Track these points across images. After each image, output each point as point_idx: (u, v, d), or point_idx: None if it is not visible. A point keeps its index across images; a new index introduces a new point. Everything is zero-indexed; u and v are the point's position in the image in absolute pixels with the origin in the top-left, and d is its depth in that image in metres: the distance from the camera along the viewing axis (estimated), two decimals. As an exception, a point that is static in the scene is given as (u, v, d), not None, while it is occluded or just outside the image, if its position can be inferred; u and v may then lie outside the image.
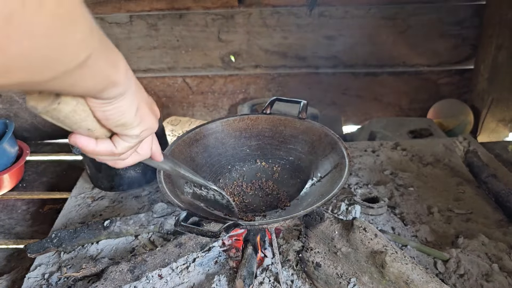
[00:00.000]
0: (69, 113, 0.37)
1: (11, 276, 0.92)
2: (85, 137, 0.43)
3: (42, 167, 1.41)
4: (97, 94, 0.37)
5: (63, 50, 0.28)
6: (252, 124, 1.02)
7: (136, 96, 0.42)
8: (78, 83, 0.33)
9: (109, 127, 0.42)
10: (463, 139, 1.17)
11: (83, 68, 0.32)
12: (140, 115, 0.43)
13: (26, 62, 0.26)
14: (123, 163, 0.49)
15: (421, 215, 0.98)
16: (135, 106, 0.42)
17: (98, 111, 0.39)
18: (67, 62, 0.30)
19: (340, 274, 0.72)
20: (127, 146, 0.45)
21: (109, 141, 0.44)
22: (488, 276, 0.78)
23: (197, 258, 0.85)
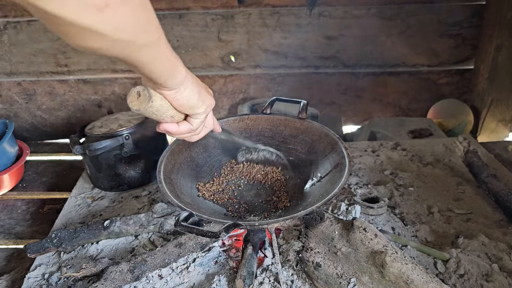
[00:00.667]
0: (159, 107, 0.56)
1: (11, 276, 0.92)
2: (169, 123, 0.62)
3: (42, 167, 1.41)
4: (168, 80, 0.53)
5: (149, 23, 0.43)
6: (252, 124, 1.02)
7: (194, 84, 0.59)
8: (156, 60, 0.48)
9: (183, 111, 0.61)
10: (463, 139, 1.17)
11: (158, 45, 0.46)
12: (201, 97, 0.60)
13: (133, 21, 0.39)
14: (197, 137, 0.68)
15: (421, 215, 0.98)
16: (197, 92, 0.59)
17: (173, 101, 0.57)
18: (152, 33, 0.44)
19: (340, 274, 0.72)
20: (199, 121, 0.63)
21: (186, 122, 0.63)
22: (488, 276, 0.78)
23: (197, 258, 0.85)
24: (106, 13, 0.35)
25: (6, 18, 1.56)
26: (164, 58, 0.49)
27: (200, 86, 0.61)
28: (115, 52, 0.41)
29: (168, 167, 0.86)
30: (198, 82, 0.61)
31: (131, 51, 0.43)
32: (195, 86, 0.59)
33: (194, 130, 0.64)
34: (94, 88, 1.71)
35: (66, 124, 1.77)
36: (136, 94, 0.54)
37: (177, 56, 0.53)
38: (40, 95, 1.71)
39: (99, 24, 0.36)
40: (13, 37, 1.59)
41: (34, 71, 1.66)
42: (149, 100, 0.53)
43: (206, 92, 0.63)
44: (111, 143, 1.06)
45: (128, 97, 0.54)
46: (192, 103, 0.59)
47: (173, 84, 0.54)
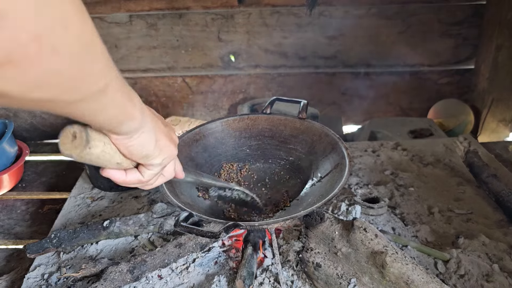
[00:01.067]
0: (99, 154, 0.44)
1: (10, 277, 0.92)
2: (115, 170, 0.50)
3: (42, 167, 1.40)
4: (118, 128, 0.42)
5: (86, 74, 0.33)
6: (252, 124, 1.01)
7: (153, 130, 0.47)
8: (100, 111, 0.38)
9: (134, 160, 0.49)
10: (463, 139, 1.17)
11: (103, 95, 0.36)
12: (159, 146, 0.49)
13: (56, 78, 0.30)
14: (150, 186, 0.56)
15: (421, 215, 0.98)
16: (154, 139, 0.48)
17: (122, 148, 0.45)
18: (91, 86, 0.34)
19: (340, 275, 0.72)
20: (152, 173, 0.52)
21: (136, 171, 0.52)
22: (489, 277, 0.78)
23: (197, 259, 0.85)
24: (7, 72, 0.26)
25: (6, 18, 1.56)
26: (110, 108, 0.38)
27: (160, 131, 0.49)
28: (34, 108, 0.33)
29: (168, 167, 0.85)
30: (159, 126, 0.49)
31: (59, 108, 0.34)
32: (153, 133, 0.47)
33: (145, 182, 0.53)
34: (94, 88, 1.71)
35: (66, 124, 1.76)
36: (71, 136, 0.42)
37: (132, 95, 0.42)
38: (39, 95, 1.71)
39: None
40: (12, 37, 1.59)
41: (34, 71, 1.66)
42: (86, 146, 0.42)
43: (167, 139, 0.51)
44: (110, 143, 1.06)
45: (61, 137, 0.42)
46: (146, 152, 0.48)
47: (123, 131, 0.43)
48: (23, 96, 0.29)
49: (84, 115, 0.37)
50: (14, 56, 0.26)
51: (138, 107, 0.43)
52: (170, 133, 0.53)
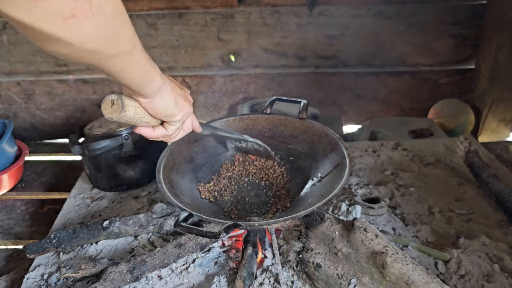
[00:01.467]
0: (132, 115, 0.55)
1: (10, 277, 0.92)
2: (145, 127, 0.61)
3: (41, 167, 1.40)
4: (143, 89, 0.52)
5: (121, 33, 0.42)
6: (252, 124, 1.01)
7: (171, 93, 0.58)
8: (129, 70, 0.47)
9: (159, 118, 0.60)
10: (464, 139, 1.17)
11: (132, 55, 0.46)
12: (178, 106, 0.60)
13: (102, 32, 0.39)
14: (174, 139, 0.67)
15: (421, 216, 0.98)
16: (173, 100, 0.58)
17: (149, 109, 0.56)
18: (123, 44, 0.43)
19: (341, 275, 0.72)
20: (174, 128, 0.63)
21: (162, 127, 0.63)
22: (489, 277, 0.78)
23: (197, 259, 0.85)
24: (72, 24, 0.35)
25: (6, 17, 1.55)
26: (137, 67, 0.48)
27: (177, 94, 0.60)
28: (84, 59, 0.41)
29: (168, 167, 0.85)
30: (176, 89, 0.60)
31: (101, 60, 0.42)
32: (172, 95, 0.58)
33: (170, 135, 0.64)
34: (93, 88, 1.71)
35: (65, 124, 1.76)
36: (110, 102, 0.53)
37: (154, 64, 0.52)
38: (39, 95, 1.71)
39: (65, 33, 0.36)
40: (12, 37, 1.59)
41: (33, 70, 1.66)
42: (122, 110, 0.53)
43: (183, 100, 0.62)
44: (110, 143, 1.06)
45: (102, 105, 0.54)
46: (168, 111, 0.59)
47: (148, 93, 0.54)
48: (80, 45, 0.38)
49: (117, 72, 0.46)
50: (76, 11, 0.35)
51: (158, 72, 0.53)
52: (186, 95, 0.63)
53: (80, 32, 0.37)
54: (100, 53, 0.41)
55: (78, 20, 0.35)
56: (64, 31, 0.36)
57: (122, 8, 0.42)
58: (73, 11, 0.35)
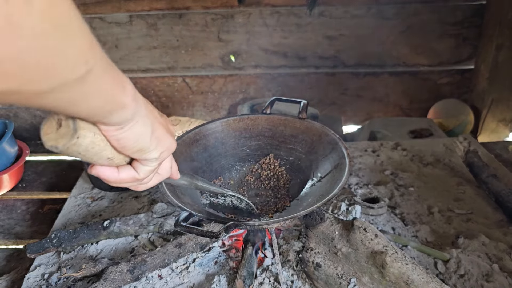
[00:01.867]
0: (88, 146, 0.37)
1: (10, 277, 0.92)
2: (106, 167, 0.43)
3: (42, 167, 1.40)
4: (106, 118, 0.36)
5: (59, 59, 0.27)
6: (252, 124, 1.01)
7: (148, 118, 0.41)
8: (81, 102, 0.32)
9: (127, 154, 0.42)
10: (463, 139, 1.17)
11: (84, 84, 0.30)
12: (155, 137, 0.42)
13: (19, 65, 0.24)
14: (145, 186, 0.49)
15: (421, 215, 0.98)
16: (150, 129, 0.41)
17: (113, 140, 0.39)
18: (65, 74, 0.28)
19: (340, 275, 0.72)
20: (148, 170, 0.45)
21: (130, 168, 0.44)
22: (489, 277, 0.78)
23: (197, 259, 0.85)
24: None
25: (6, 18, 1.56)
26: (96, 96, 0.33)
27: (156, 121, 0.43)
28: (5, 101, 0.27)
29: (168, 167, 0.85)
30: (154, 116, 0.43)
31: (31, 99, 0.29)
32: (149, 122, 0.41)
33: (140, 180, 0.46)
34: (94, 88, 1.71)
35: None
36: (56, 124, 0.37)
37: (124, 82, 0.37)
38: (40, 95, 1.71)
39: None
40: (13, 37, 1.59)
41: (34, 71, 1.66)
42: (73, 136, 0.36)
43: (164, 130, 0.44)
44: (111, 143, 1.06)
45: (43, 126, 0.37)
46: (141, 145, 0.41)
47: (113, 122, 0.37)
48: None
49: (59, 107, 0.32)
50: None
51: (130, 93, 0.38)
52: (167, 124, 0.47)
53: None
54: (20, 93, 0.26)
55: None
56: None
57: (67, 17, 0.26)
58: None
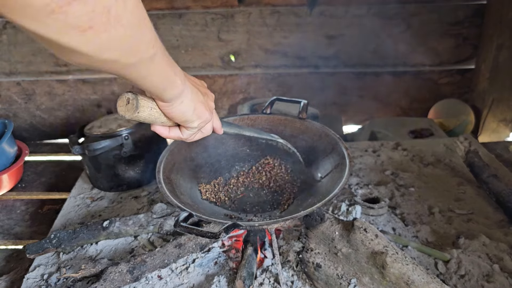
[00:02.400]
0: (147, 116, 0.54)
1: (10, 277, 0.92)
2: (161, 126, 0.60)
3: (41, 167, 1.40)
4: (162, 94, 0.51)
5: (140, 43, 0.41)
6: (252, 124, 1.01)
7: (192, 99, 0.56)
8: (147, 77, 0.46)
9: (175, 122, 0.59)
10: (464, 139, 1.17)
11: (152, 62, 0.45)
12: (197, 113, 0.58)
13: (119, 43, 0.38)
14: (192, 140, 0.66)
15: (422, 216, 0.98)
16: (192, 107, 0.57)
17: (166, 112, 0.55)
18: (142, 54, 0.42)
19: (341, 275, 0.72)
20: (190, 133, 0.63)
21: (177, 129, 0.62)
22: (489, 277, 0.78)
23: (197, 259, 0.85)
24: (89, 35, 0.35)
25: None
26: (156, 74, 0.47)
27: (198, 101, 0.58)
28: (102, 68, 0.40)
29: (168, 167, 0.85)
30: (198, 95, 0.58)
31: (119, 68, 0.42)
32: (192, 101, 0.57)
33: (185, 139, 0.63)
34: (94, 88, 1.71)
35: (65, 124, 1.76)
36: (126, 100, 0.53)
37: (176, 67, 0.51)
38: (39, 95, 1.71)
39: (82, 45, 0.35)
40: (12, 36, 1.59)
41: (33, 71, 1.66)
42: (136, 111, 0.52)
43: (204, 107, 0.60)
44: (110, 143, 1.06)
45: (118, 101, 0.53)
46: (185, 118, 0.58)
47: (167, 98, 0.53)
48: (97, 56, 0.37)
49: (136, 78, 0.46)
50: (93, 23, 0.34)
51: (180, 77, 0.52)
52: (207, 101, 0.62)
53: (97, 43, 0.36)
54: (118, 62, 0.41)
55: (95, 32, 0.35)
56: (81, 43, 0.35)
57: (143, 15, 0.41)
58: (91, 23, 0.34)
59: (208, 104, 0.62)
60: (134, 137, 1.10)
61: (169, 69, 0.49)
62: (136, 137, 1.11)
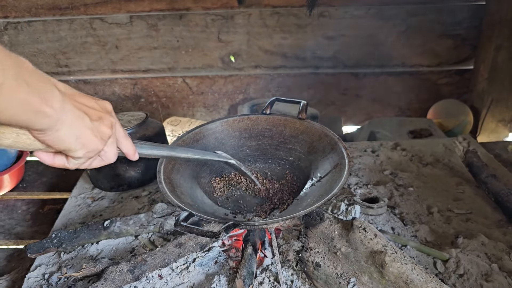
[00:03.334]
0: (13, 143, 0.43)
1: (11, 276, 0.92)
2: (43, 152, 0.49)
3: (42, 167, 1.41)
4: (29, 124, 0.41)
5: None
6: (252, 124, 1.02)
7: (73, 127, 0.46)
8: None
9: (54, 150, 0.47)
10: (462, 139, 1.17)
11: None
12: (81, 141, 0.47)
13: None
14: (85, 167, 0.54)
15: (420, 215, 0.98)
16: (74, 135, 0.46)
17: (39, 139, 0.44)
18: None
19: (340, 274, 0.72)
20: (76, 163, 0.51)
21: (63, 157, 0.50)
22: (488, 276, 0.78)
23: (197, 258, 0.85)
24: None
25: (7, 18, 1.56)
26: (10, 107, 0.37)
27: (83, 127, 0.47)
28: None
29: (168, 167, 0.86)
30: (83, 121, 0.47)
31: None
32: (73, 128, 0.46)
33: (72, 168, 0.53)
34: (94, 88, 1.71)
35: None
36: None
37: (48, 93, 0.41)
38: (40, 95, 1.71)
39: None
40: (13, 37, 1.60)
41: (34, 71, 1.66)
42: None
43: (91, 134, 0.48)
44: (111, 143, 1.06)
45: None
46: (65, 146, 0.46)
47: (35, 128, 0.42)
48: None
49: None
50: None
51: (54, 103, 0.42)
52: (99, 127, 0.50)
53: None
54: None
55: None
56: None
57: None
58: None
59: (99, 130, 0.50)
60: (135, 137, 1.11)
61: (32, 98, 0.39)
62: (136, 137, 1.11)
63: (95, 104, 0.51)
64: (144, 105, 1.77)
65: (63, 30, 1.59)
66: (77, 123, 0.46)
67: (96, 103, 0.51)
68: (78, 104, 0.47)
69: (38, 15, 1.56)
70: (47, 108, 0.41)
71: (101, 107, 0.52)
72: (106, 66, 1.67)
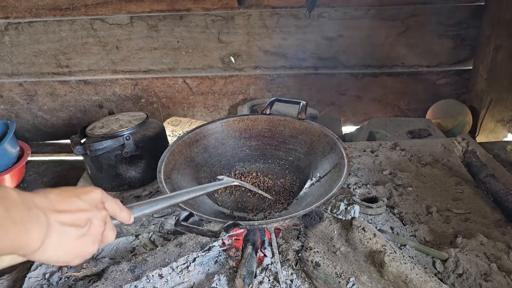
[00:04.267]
0: (11, 262, 0.47)
1: (12, 276, 0.93)
2: None
3: (43, 168, 1.41)
4: (13, 253, 0.41)
5: None
6: (251, 124, 1.02)
7: (62, 243, 0.45)
8: None
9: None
10: (461, 139, 1.18)
11: None
12: (74, 253, 0.47)
13: None
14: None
15: (420, 215, 0.98)
16: (63, 252, 0.46)
17: (32, 259, 0.44)
18: None
19: (339, 274, 0.73)
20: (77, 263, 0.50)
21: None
22: (487, 276, 0.79)
23: (197, 258, 0.85)
24: None
25: (8, 19, 1.57)
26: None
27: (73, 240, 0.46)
28: None
29: (169, 167, 0.86)
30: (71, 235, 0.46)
31: None
32: (62, 246, 0.45)
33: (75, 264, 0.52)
34: (95, 88, 1.72)
35: (67, 125, 1.77)
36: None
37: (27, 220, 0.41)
38: (41, 95, 1.72)
39: None
40: (14, 38, 1.60)
41: (35, 72, 1.67)
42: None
43: (82, 242, 0.47)
44: (112, 143, 1.07)
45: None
46: (58, 261, 0.46)
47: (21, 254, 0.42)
48: None
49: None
50: None
51: (37, 230, 0.42)
52: (90, 231, 0.48)
53: None
54: None
55: None
56: None
57: None
58: None
59: (91, 234, 0.49)
60: (136, 137, 1.11)
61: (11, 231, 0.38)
62: (137, 137, 1.12)
63: (81, 203, 0.48)
64: (144, 105, 1.77)
65: (63, 30, 1.59)
66: (64, 239, 0.45)
67: (82, 200, 0.48)
68: (62, 217, 0.45)
69: (39, 16, 1.56)
70: (27, 239, 0.40)
71: (89, 203, 0.49)
72: (106, 66, 1.67)
